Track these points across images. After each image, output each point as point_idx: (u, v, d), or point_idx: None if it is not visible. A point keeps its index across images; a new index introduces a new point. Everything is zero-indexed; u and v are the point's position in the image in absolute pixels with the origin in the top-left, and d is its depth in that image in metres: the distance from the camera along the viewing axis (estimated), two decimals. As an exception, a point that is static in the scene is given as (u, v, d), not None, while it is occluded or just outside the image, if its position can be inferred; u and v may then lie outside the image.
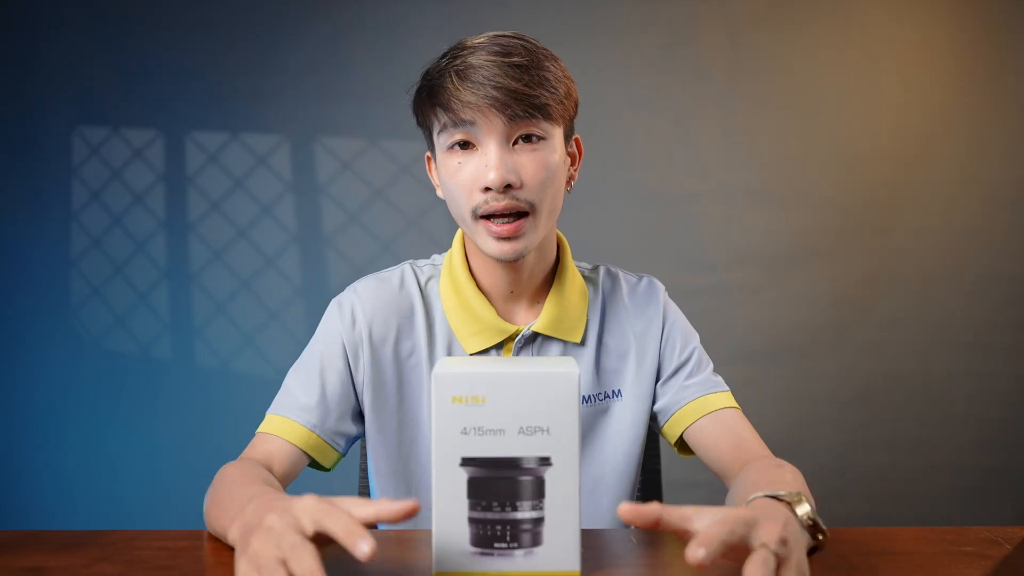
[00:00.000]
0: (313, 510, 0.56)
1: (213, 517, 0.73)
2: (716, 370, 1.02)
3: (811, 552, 0.67)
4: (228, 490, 0.73)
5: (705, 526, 0.56)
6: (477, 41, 0.87)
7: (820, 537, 0.66)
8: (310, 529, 0.55)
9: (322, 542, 0.57)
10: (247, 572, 0.55)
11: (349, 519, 0.55)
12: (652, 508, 0.57)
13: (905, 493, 2.27)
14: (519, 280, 0.96)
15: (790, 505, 0.65)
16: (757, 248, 2.29)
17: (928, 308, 2.29)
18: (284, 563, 0.53)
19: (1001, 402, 2.28)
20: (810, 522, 0.65)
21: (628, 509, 0.57)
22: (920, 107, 2.29)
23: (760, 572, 0.52)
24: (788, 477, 0.78)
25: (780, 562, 0.54)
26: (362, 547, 0.52)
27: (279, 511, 0.57)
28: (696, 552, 0.52)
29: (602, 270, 1.05)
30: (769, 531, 0.55)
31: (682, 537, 0.58)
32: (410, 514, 0.56)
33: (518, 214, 0.87)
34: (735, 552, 0.55)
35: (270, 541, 0.55)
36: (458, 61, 0.86)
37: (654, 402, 1.00)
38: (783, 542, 0.55)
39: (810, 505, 0.66)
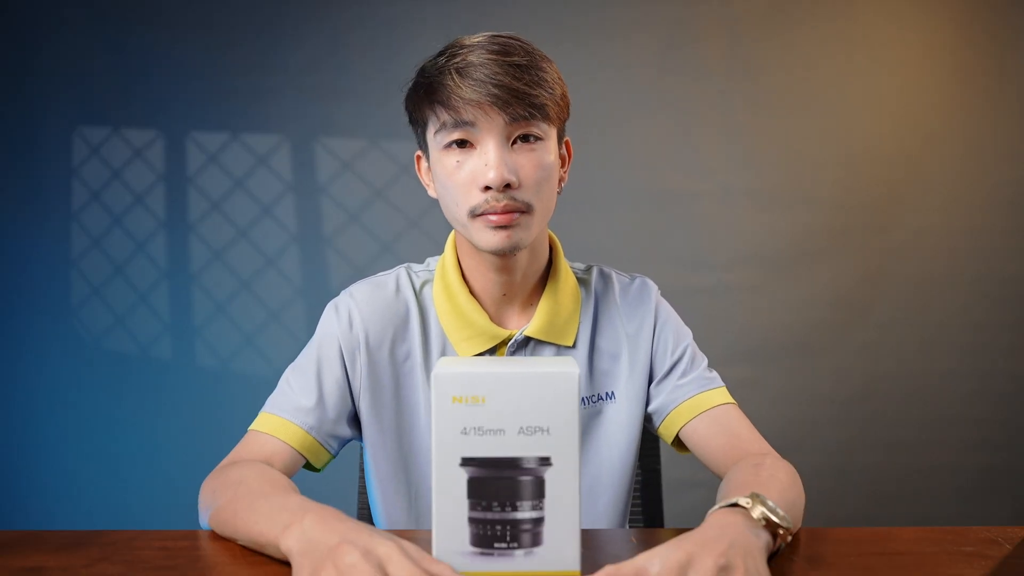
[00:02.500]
0: (399, 565, 0.56)
1: (241, 521, 0.71)
2: (715, 370, 1.02)
3: (777, 551, 0.67)
4: (259, 495, 0.72)
5: None
6: (475, 40, 0.87)
7: (781, 532, 0.66)
8: None
9: None
10: None
11: None
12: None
13: (905, 493, 2.27)
14: (511, 282, 0.95)
15: (747, 510, 0.66)
16: (757, 248, 2.29)
17: (927, 308, 2.29)
18: None
19: (1000, 401, 2.28)
20: (763, 522, 0.66)
21: None
22: (919, 107, 2.29)
23: None
24: (763, 475, 0.78)
25: None
26: None
27: (361, 551, 0.57)
28: None
29: (595, 271, 1.04)
30: (703, 568, 0.57)
31: None
32: None
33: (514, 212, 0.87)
34: None
35: None
36: (458, 59, 0.85)
37: (648, 403, 1.00)
38: (722, 570, 0.57)
39: (764, 506, 0.66)
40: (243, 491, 0.74)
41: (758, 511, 0.66)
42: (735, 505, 0.67)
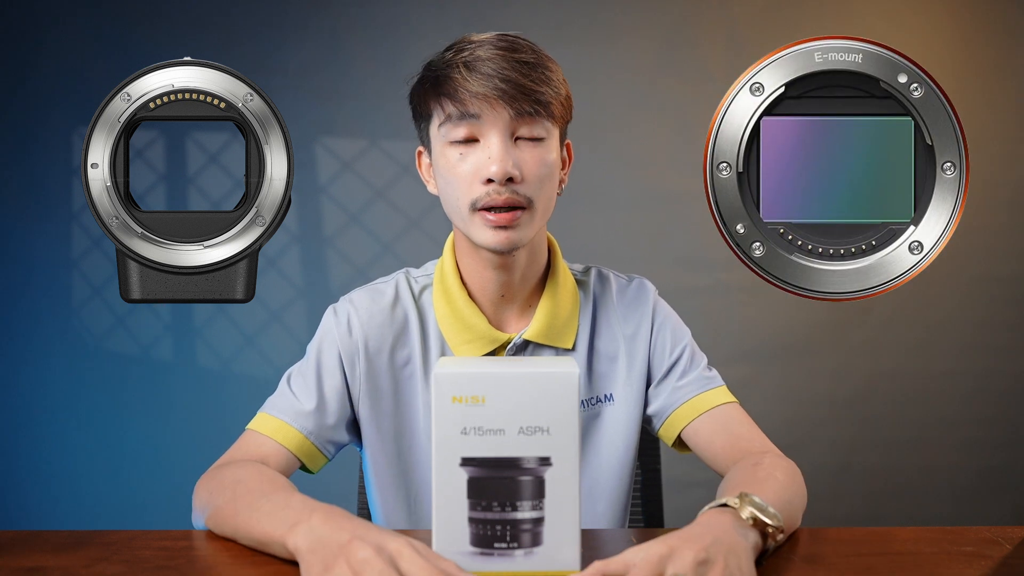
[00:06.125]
0: (410, 560, 0.57)
1: (242, 520, 0.70)
2: (714, 369, 1.02)
3: (766, 551, 0.67)
4: (259, 494, 0.72)
5: None
6: (483, 37, 0.88)
7: (771, 530, 0.66)
8: None
9: None
10: None
11: None
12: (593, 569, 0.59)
13: (904, 493, 2.27)
14: (510, 283, 0.95)
15: (735, 510, 0.66)
16: (757, 248, 2.29)
17: (926, 307, 2.29)
18: None
19: (999, 401, 2.28)
20: (751, 521, 0.65)
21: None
22: (920, 107, 2.29)
23: None
24: (760, 474, 0.78)
25: None
26: None
27: (373, 547, 0.57)
28: None
29: (593, 272, 1.04)
30: (682, 560, 0.57)
31: None
32: None
33: (515, 207, 0.87)
34: None
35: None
36: (466, 53, 0.86)
37: (647, 405, 1.00)
38: (701, 564, 0.57)
39: (753, 505, 0.66)
40: (242, 490, 0.74)
41: (747, 511, 0.66)
42: (724, 506, 0.67)
